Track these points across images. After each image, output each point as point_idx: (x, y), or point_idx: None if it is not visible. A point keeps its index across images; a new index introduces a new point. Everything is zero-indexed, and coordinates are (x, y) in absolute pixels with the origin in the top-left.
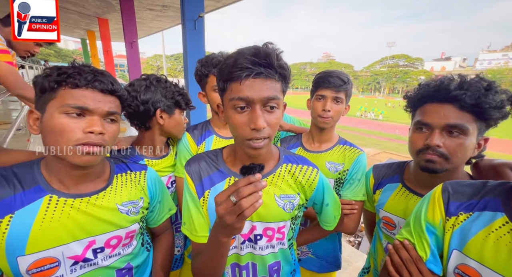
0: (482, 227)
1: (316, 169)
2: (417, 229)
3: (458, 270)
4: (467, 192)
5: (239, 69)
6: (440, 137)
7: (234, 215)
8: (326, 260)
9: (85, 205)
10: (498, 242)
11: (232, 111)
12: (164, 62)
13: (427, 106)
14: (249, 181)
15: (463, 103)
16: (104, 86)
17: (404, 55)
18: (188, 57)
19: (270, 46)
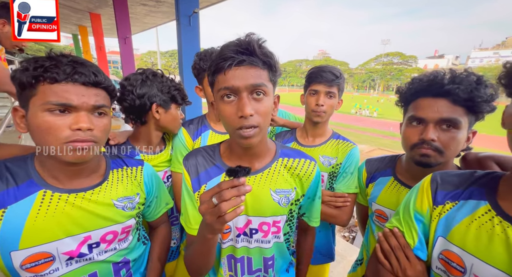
0: (466, 215)
1: (314, 161)
2: (406, 218)
3: (442, 255)
4: (455, 181)
5: (222, 59)
6: (434, 131)
7: (214, 217)
8: (320, 252)
9: (80, 200)
10: (479, 229)
11: (221, 103)
12: (159, 59)
13: (421, 100)
14: (232, 184)
15: (457, 97)
16: (86, 78)
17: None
18: (183, 54)
19: (251, 36)
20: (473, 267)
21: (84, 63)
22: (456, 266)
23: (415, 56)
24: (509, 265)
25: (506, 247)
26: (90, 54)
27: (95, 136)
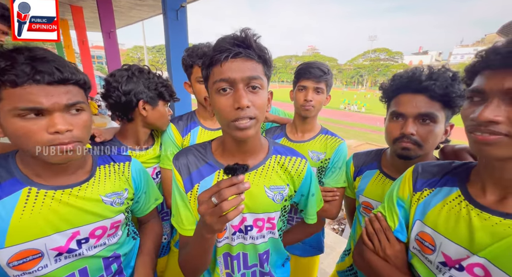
0: (439, 200)
1: (305, 159)
2: (389, 204)
3: (418, 236)
4: (433, 171)
5: (219, 52)
6: (413, 125)
7: (214, 217)
8: (310, 245)
9: (67, 197)
10: (449, 212)
11: (216, 96)
12: (146, 54)
13: (401, 96)
14: (231, 183)
15: (433, 93)
16: (50, 77)
17: (385, 49)
18: (171, 49)
19: (247, 30)
20: (441, 245)
21: (44, 58)
22: (428, 245)
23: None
24: (469, 242)
25: (468, 227)
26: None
27: (76, 136)
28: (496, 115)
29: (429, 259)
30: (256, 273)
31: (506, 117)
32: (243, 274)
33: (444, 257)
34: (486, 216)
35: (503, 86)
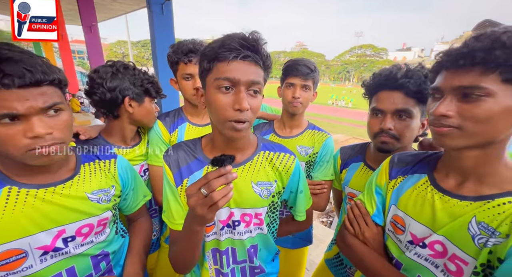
0: (410, 186)
1: (293, 156)
2: (368, 191)
3: (392, 219)
4: (408, 160)
5: (227, 49)
6: (391, 121)
7: (205, 207)
8: (300, 237)
9: (51, 195)
10: (417, 196)
11: (215, 91)
12: (130, 49)
13: (381, 93)
14: (219, 174)
15: (408, 90)
16: (21, 80)
17: (371, 45)
18: (157, 44)
19: (257, 34)
20: (410, 226)
21: (10, 59)
22: (400, 226)
23: (385, 49)
24: (431, 221)
25: (431, 209)
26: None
27: (57, 137)
28: (448, 110)
29: (399, 239)
30: (246, 268)
31: (456, 112)
32: (232, 269)
33: (411, 236)
34: (447, 199)
35: (454, 84)
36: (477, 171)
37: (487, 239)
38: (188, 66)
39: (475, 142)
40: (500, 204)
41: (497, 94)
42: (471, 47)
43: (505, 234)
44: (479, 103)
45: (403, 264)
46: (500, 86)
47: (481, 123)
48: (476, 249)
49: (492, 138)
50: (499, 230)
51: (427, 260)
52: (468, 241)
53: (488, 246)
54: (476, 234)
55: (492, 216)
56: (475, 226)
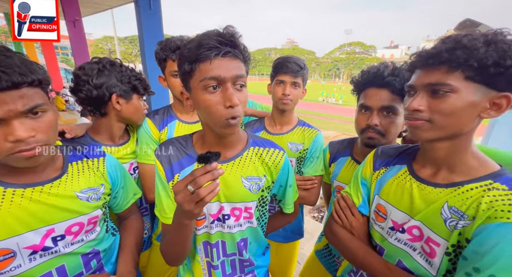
0: (391, 176)
1: (282, 151)
2: (354, 183)
3: (375, 208)
4: (390, 152)
5: (206, 49)
6: (377, 117)
7: (192, 203)
8: (291, 231)
9: (38, 194)
10: (398, 185)
11: (203, 92)
12: (117, 45)
13: (368, 90)
14: (205, 171)
15: (394, 88)
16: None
17: (360, 43)
18: (145, 40)
19: (231, 29)
20: (391, 214)
21: None
22: (382, 214)
23: (374, 46)
24: (409, 208)
25: (409, 196)
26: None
27: (40, 139)
28: (420, 105)
29: (381, 226)
30: (235, 261)
31: (427, 107)
32: (222, 262)
33: (392, 223)
34: (423, 187)
35: (424, 82)
36: (448, 161)
37: (457, 222)
38: (176, 63)
39: (444, 134)
40: (468, 190)
41: (461, 90)
42: (438, 48)
43: (472, 217)
44: (445, 99)
45: (385, 249)
46: (463, 83)
47: (448, 116)
48: (447, 232)
49: (458, 130)
50: (467, 213)
51: (406, 244)
52: (440, 224)
53: (458, 228)
54: (448, 218)
55: (461, 201)
56: (447, 211)
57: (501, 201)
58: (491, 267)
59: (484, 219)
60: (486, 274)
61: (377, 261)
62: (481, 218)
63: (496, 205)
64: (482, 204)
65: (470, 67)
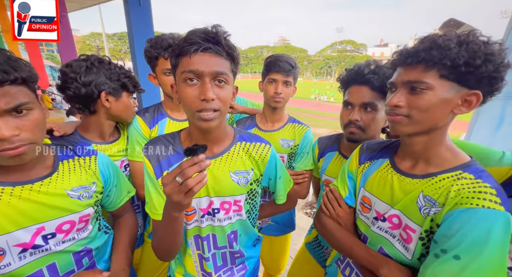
0: (375, 169)
1: (269, 145)
2: (342, 177)
3: (361, 200)
4: (374, 147)
5: (189, 44)
6: (359, 113)
7: (181, 194)
8: (284, 224)
9: (28, 193)
10: (381, 178)
11: (183, 85)
12: (105, 42)
13: (351, 87)
14: (193, 162)
15: (373, 85)
16: None
17: (351, 41)
18: (134, 38)
19: (218, 27)
20: (375, 205)
21: None
22: (367, 206)
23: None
24: (390, 199)
25: (390, 188)
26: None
27: (25, 138)
28: (399, 101)
29: (366, 217)
30: (226, 254)
31: (406, 103)
32: (213, 254)
33: (376, 213)
34: (402, 178)
35: (404, 79)
36: (425, 154)
37: (430, 209)
38: (168, 61)
39: (421, 128)
40: (441, 179)
41: (436, 88)
42: (416, 47)
43: (442, 204)
44: (422, 95)
45: (368, 237)
46: (438, 81)
47: (424, 112)
48: (422, 219)
49: (433, 124)
50: (438, 201)
51: (387, 232)
52: (416, 212)
53: (430, 215)
54: (422, 206)
55: (434, 190)
56: (422, 199)
57: (467, 189)
58: (456, 248)
59: (452, 206)
60: (451, 254)
61: (361, 249)
62: (449, 204)
63: (462, 192)
64: (451, 192)
65: (444, 66)
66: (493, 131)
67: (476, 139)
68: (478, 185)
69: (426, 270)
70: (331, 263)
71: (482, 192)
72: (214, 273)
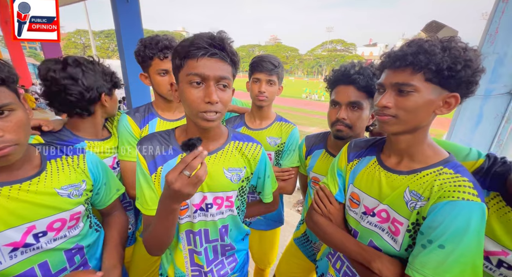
0: (363, 167)
1: (260, 145)
2: (331, 174)
3: (350, 196)
4: (362, 145)
5: (196, 48)
6: (345, 112)
7: (190, 186)
8: (272, 219)
9: (16, 192)
10: (369, 174)
11: (187, 86)
12: (92, 40)
13: (338, 87)
14: (195, 155)
15: (359, 85)
16: None
17: (341, 40)
18: (122, 36)
19: (223, 34)
20: (363, 200)
21: None
22: (355, 201)
23: (354, 44)
24: (378, 194)
25: (378, 184)
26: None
27: (9, 139)
28: (388, 102)
29: (355, 212)
30: (217, 247)
31: (393, 103)
32: (205, 248)
33: (364, 208)
34: (389, 175)
35: (392, 81)
36: (409, 151)
37: (416, 203)
38: (164, 62)
39: (407, 128)
40: (424, 175)
41: (422, 90)
42: (404, 51)
43: (427, 198)
44: (409, 97)
45: (359, 232)
46: (424, 84)
47: (410, 112)
48: (408, 212)
49: (417, 124)
50: (423, 195)
51: (376, 226)
52: (403, 206)
53: (416, 209)
54: (409, 200)
55: (419, 185)
56: (408, 194)
57: (448, 183)
58: (440, 238)
59: (436, 199)
60: (436, 244)
61: (353, 244)
62: (434, 198)
63: (444, 186)
64: (434, 187)
65: (430, 70)
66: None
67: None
68: (457, 179)
69: (415, 260)
70: (322, 257)
71: (462, 185)
72: (206, 266)
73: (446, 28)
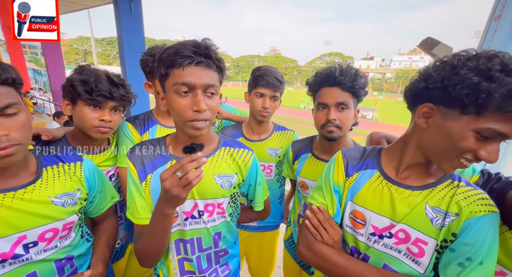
0: (365, 182)
1: (251, 151)
2: (327, 191)
3: (351, 215)
4: (357, 156)
5: (181, 57)
6: (335, 112)
7: (180, 187)
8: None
9: (10, 200)
10: (374, 190)
11: (175, 96)
12: (94, 46)
13: (323, 89)
14: (192, 159)
15: (344, 86)
16: None
17: (339, 53)
18: (124, 43)
19: (208, 41)
20: (371, 219)
21: None
22: (360, 221)
23: (352, 57)
24: (391, 213)
25: (390, 201)
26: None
27: (14, 139)
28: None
29: (360, 233)
30: (211, 255)
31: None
32: (198, 257)
33: (373, 229)
34: (401, 190)
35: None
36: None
37: (442, 219)
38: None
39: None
40: (440, 190)
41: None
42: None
43: (455, 213)
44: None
45: (370, 256)
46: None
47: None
48: (435, 230)
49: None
50: (450, 211)
51: (391, 248)
52: (428, 224)
53: (445, 226)
54: (434, 217)
55: (438, 201)
56: (431, 211)
57: (471, 197)
58: (480, 255)
59: (468, 215)
60: (477, 262)
61: (371, 272)
62: (465, 213)
63: (471, 200)
64: (460, 202)
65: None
66: None
67: None
68: (475, 192)
69: None
70: None
71: (484, 198)
72: (198, 272)
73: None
